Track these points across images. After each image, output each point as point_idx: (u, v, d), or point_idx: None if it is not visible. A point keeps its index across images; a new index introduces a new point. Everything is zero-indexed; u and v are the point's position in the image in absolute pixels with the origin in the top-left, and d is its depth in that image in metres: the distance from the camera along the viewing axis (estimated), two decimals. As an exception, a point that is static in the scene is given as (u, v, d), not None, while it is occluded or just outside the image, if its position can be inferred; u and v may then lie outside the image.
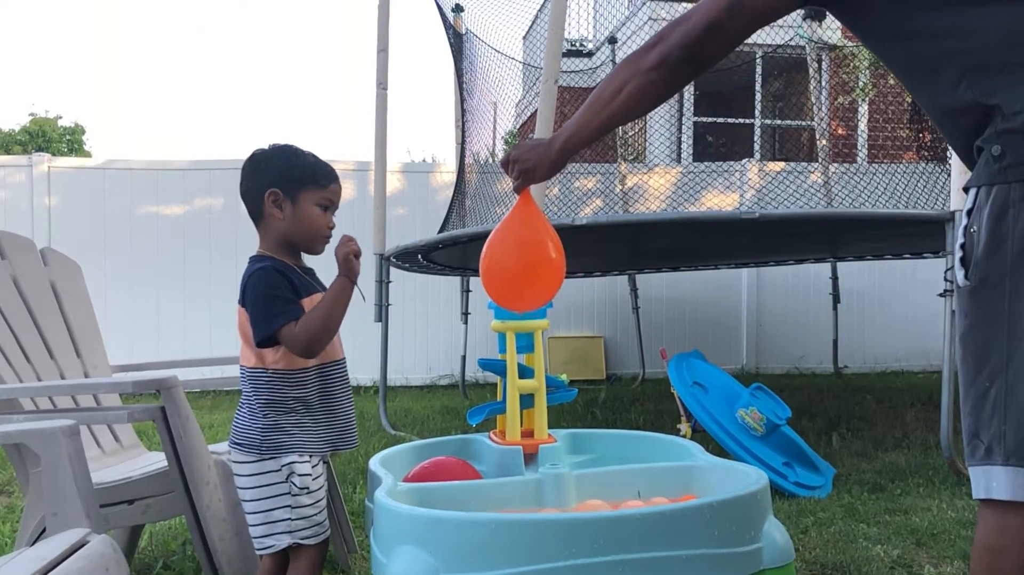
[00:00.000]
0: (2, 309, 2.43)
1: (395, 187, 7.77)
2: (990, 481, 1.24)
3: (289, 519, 1.76)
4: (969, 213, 1.27)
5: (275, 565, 1.81)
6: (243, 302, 1.79)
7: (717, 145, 10.59)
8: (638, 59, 1.49)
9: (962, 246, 1.28)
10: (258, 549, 1.80)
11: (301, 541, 1.78)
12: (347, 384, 1.90)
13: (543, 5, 7.30)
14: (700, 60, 1.46)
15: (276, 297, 1.75)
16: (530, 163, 1.73)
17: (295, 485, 1.76)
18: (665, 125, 9.01)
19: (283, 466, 1.76)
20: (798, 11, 1.47)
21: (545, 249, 1.89)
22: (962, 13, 1.26)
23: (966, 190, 1.29)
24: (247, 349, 1.81)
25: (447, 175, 7.98)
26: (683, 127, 9.85)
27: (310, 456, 1.79)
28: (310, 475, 1.78)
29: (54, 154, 16.10)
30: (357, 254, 1.79)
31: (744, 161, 8.14)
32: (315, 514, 1.80)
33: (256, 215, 1.87)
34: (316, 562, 1.82)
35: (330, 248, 1.89)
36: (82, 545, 1.40)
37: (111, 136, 44.96)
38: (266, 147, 1.91)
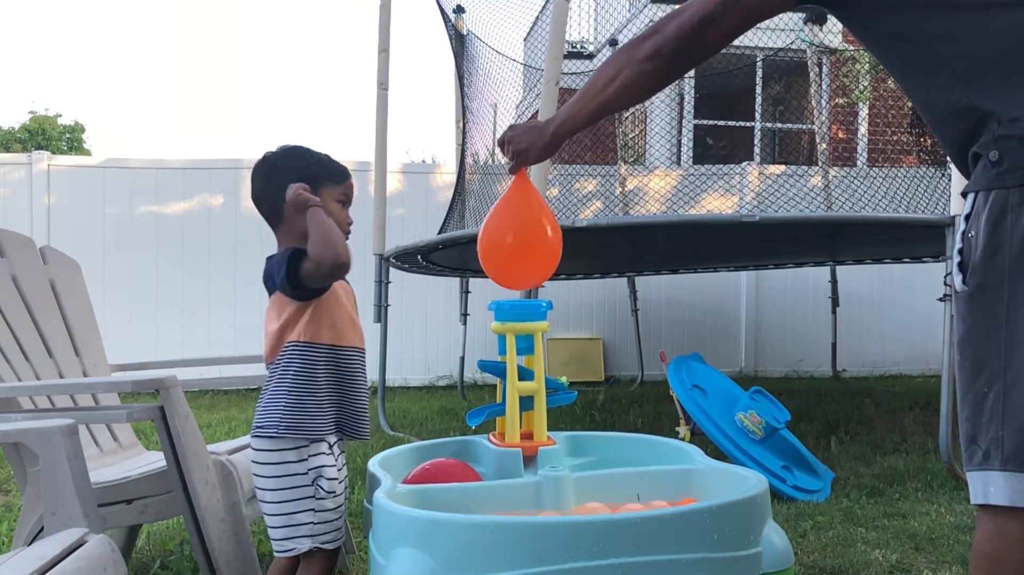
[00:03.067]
0: (1, 307, 2.43)
1: (395, 187, 7.77)
2: (987, 486, 1.23)
3: (312, 523, 1.76)
4: (967, 218, 1.28)
5: (288, 566, 1.81)
6: (273, 288, 1.80)
7: (717, 148, 10.59)
8: (633, 48, 1.50)
9: (960, 251, 1.28)
10: (277, 551, 1.79)
11: (321, 545, 1.77)
12: (363, 374, 1.90)
13: (544, 7, 7.31)
14: (694, 53, 1.48)
15: (291, 254, 1.78)
16: (523, 145, 1.76)
17: (322, 489, 1.75)
18: (665, 127, 9.01)
19: (310, 469, 1.75)
20: (799, 14, 1.48)
21: (541, 227, 1.93)
22: (957, 17, 1.27)
23: (964, 195, 1.29)
24: (273, 330, 1.81)
25: (447, 176, 7.98)
26: (683, 130, 9.85)
27: (330, 447, 1.79)
28: (337, 479, 1.79)
29: (54, 152, 16.11)
30: (306, 188, 1.80)
31: (744, 164, 8.15)
32: (336, 519, 1.80)
33: (275, 217, 1.87)
34: (329, 567, 1.81)
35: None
36: (80, 545, 1.40)
37: (111, 134, 44.95)
38: (275, 149, 1.92)
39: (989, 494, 1.23)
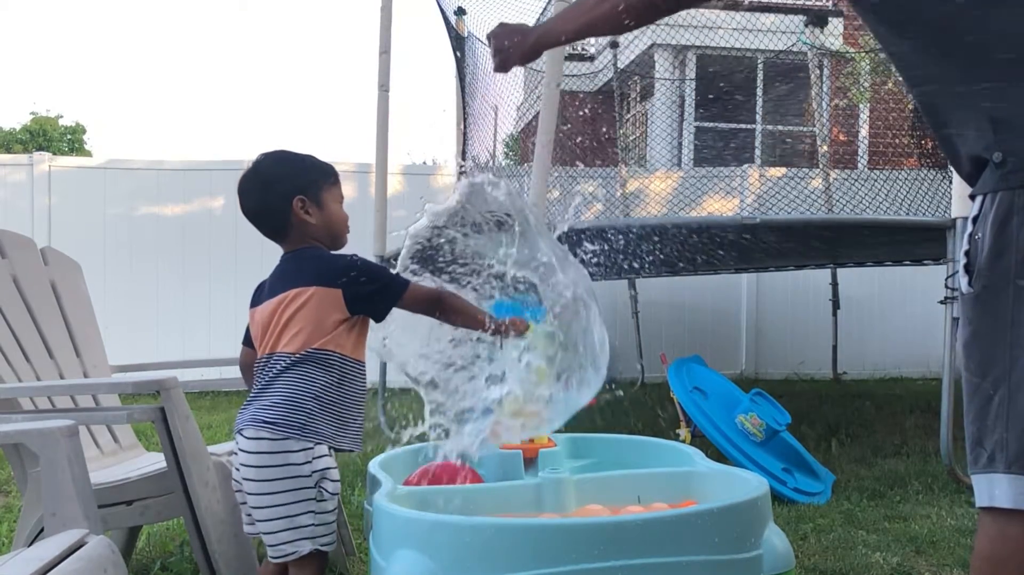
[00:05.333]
0: (2, 308, 2.43)
1: (396, 189, 7.77)
2: (992, 489, 1.23)
3: (313, 525, 1.73)
4: (975, 220, 1.27)
5: (277, 570, 1.79)
6: (330, 283, 1.78)
7: (718, 150, 10.59)
8: None
9: (966, 253, 1.27)
10: (275, 556, 1.75)
11: (321, 547, 1.75)
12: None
13: (545, 8, 7.31)
14: None
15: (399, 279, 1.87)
16: (507, 47, 1.75)
17: (326, 491, 1.74)
18: (666, 130, 9.02)
19: (314, 471, 1.73)
20: (800, 17, 1.47)
21: None
22: (960, 10, 1.26)
23: (972, 197, 1.29)
24: (315, 331, 1.77)
25: (448, 177, 7.98)
26: (684, 132, 9.85)
27: (329, 449, 1.78)
28: (338, 481, 1.78)
29: (55, 153, 16.10)
30: (524, 330, 1.89)
31: (745, 166, 8.14)
32: (333, 520, 1.79)
33: (281, 228, 1.87)
34: (322, 568, 1.80)
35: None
36: (80, 546, 1.40)
37: (112, 136, 44.88)
38: (262, 160, 1.91)
39: (994, 496, 1.22)
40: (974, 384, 1.26)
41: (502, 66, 1.79)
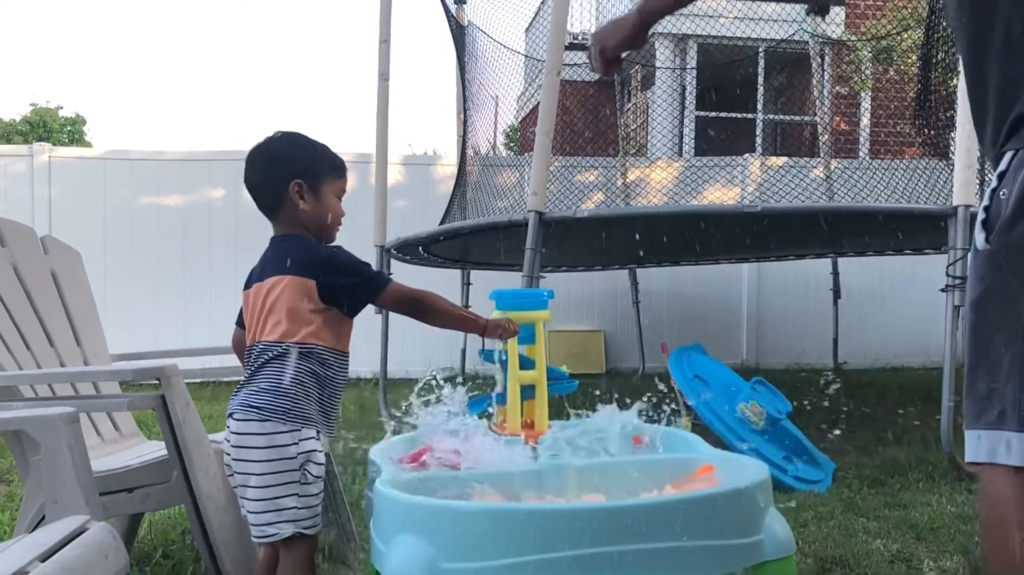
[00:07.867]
0: (2, 296, 2.43)
1: (396, 179, 7.76)
2: (997, 446, 1.21)
3: (296, 507, 1.75)
4: (1001, 176, 1.24)
5: (274, 555, 1.81)
6: (304, 273, 1.78)
7: (719, 139, 10.57)
8: None
9: (986, 208, 1.24)
10: (258, 537, 1.78)
11: (304, 530, 1.76)
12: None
13: (545, 1, 7.29)
14: None
15: (380, 276, 1.90)
16: (605, 38, 1.65)
17: (310, 474, 1.75)
18: (667, 119, 8.99)
19: (300, 453, 1.74)
20: (802, 5, 1.44)
21: None
22: None
23: (1002, 154, 1.25)
24: (293, 321, 1.78)
25: (448, 168, 7.97)
26: (685, 121, 9.83)
27: (317, 434, 1.80)
28: (323, 464, 1.79)
29: (55, 144, 16.07)
30: (513, 333, 1.95)
31: (746, 156, 8.12)
32: (317, 503, 1.80)
33: (274, 205, 1.88)
34: (312, 553, 1.81)
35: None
36: (81, 532, 1.40)
37: (112, 126, 44.84)
38: (277, 137, 1.91)
39: (999, 453, 1.21)
40: (984, 342, 1.24)
41: (604, 62, 1.67)
